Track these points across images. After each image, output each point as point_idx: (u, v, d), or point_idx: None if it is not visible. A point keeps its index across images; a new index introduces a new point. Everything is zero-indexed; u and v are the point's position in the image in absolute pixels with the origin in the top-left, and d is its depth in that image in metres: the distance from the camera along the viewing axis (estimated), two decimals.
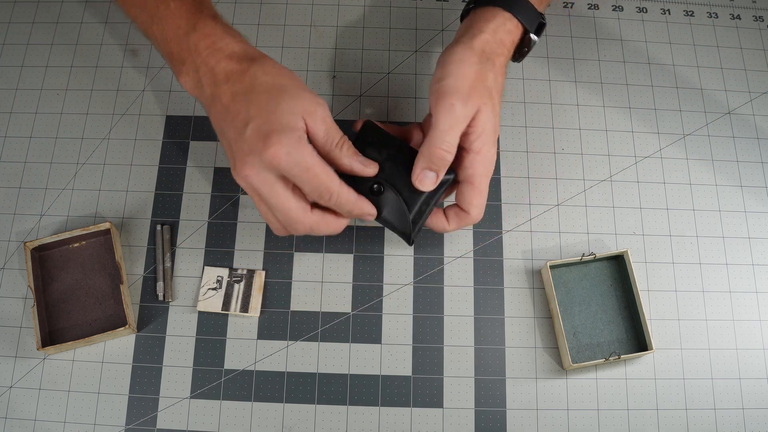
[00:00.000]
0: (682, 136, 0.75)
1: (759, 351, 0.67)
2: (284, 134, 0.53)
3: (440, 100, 0.57)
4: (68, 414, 0.64)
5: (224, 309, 0.67)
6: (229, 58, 0.57)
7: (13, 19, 0.79)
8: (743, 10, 0.81)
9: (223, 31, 0.58)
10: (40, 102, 0.76)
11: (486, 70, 0.58)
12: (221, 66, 0.56)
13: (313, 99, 0.56)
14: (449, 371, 0.66)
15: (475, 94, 0.57)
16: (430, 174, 0.58)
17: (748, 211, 0.72)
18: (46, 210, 0.71)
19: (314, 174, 0.54)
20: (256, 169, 0.54)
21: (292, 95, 0.55)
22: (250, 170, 0.54)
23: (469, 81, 0.58)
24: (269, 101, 0.54)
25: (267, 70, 0.56)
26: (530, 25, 0.61)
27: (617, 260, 0.68)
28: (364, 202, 0.59)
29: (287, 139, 0.53)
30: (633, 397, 0.65)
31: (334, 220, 0.59)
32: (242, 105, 0.55)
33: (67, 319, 0.66)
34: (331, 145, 0.56)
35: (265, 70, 0.56)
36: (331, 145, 0.56)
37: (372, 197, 0.59)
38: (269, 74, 0.56)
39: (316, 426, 0.64)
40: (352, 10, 0.80)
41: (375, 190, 0.60)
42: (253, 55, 0.57)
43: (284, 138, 0.53)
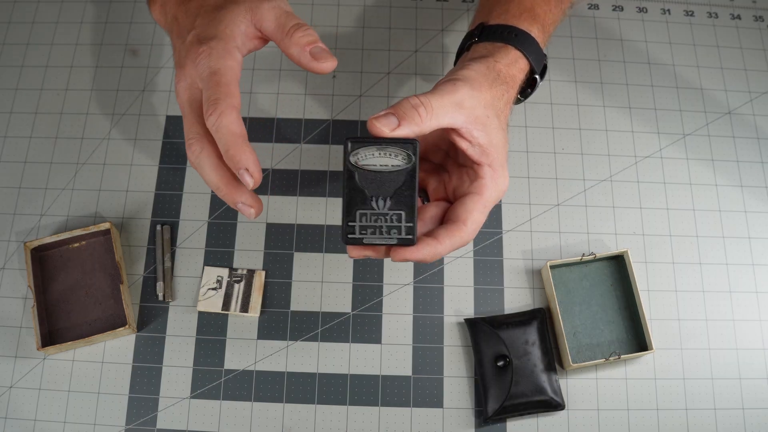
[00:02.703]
0: (682, 136, 0.75)
1: (759, 351, 0.67)
2: (216, 40, 0.50)
3: (446, 81, 0.52)
4: (68, 414, 0.64)
5: (224, 309, 0.67)
6: None
7: (13, 19, 0.79)
8: (743, 10, 0.81)
9: None
10: (40, 102, 0.76)
11: (500, 93, 0.54)
12: None
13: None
14: (449, 371, 0.66)
15: (487, 94, 0.52)
16: (392, 118, 0.48)
17: (748, 211, 0.72)
18: (46, 210, 0.71)
19: (216, 81, 0.49)
20: (182, 80, 0.51)
21: (237, 2, 0.52)
22: (178, 81, 0.52)
23: (484, 81, 0.53)
24: (214, 10, 0.52)
25: None
26: (537, 65, 0.58)
27: (617, 260, 0.68)
28: (248, 147, 0.48)
29: (217, 45, 0.50)
30: (633, 397, 0.65)
31: (209, 162, 0.50)
32: (192, 18, 0.53)
33: (67, 319, 0.66)
34: (282, 34, 0.51)
35: None
36: (282, 35, 0.51)
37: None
38: None
39: (316, 426, 0.64)
40: (352, 10, 0.80)
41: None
42: None
43: (215, 43, 0.50)
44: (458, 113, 0.50)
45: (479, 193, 0.51)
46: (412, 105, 0.48)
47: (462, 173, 0.54)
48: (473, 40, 0.58)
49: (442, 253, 0.50)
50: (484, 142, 0.51)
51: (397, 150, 0.48)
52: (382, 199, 0.48)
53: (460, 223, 0.50)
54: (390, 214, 0.48)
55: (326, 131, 0.74)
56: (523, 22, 0.58)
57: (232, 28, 0.51)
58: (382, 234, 0.48)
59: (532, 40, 0.57)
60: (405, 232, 0.48)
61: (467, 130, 0.51)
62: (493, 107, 0.52)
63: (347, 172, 0.48)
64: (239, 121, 0.48)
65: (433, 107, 0.49)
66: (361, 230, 0.48)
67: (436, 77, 0.77)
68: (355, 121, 0.75)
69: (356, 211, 0.48)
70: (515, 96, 0.57)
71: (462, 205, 0.51)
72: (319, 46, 0.50)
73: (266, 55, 0.78)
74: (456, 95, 0.50)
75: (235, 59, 0.51)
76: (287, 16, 0.52)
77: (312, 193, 0.72)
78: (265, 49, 0.78)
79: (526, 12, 0.58)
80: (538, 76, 0.59)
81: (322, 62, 0.50)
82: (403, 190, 0.48)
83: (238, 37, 0.51)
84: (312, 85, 0.76)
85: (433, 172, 0.57)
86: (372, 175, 0.48)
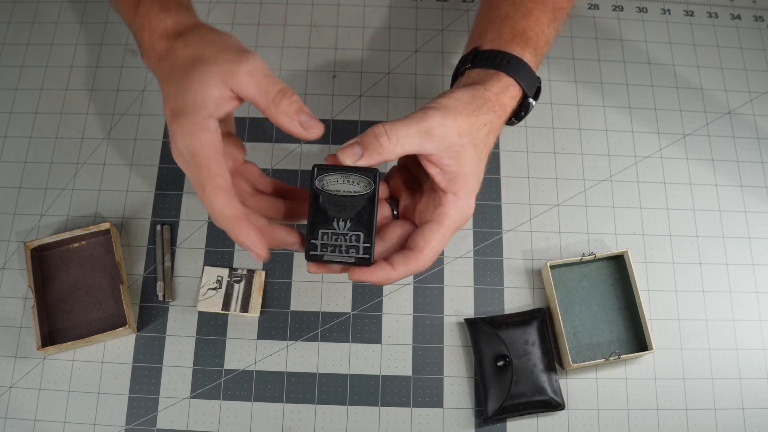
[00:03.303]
0: (682, 136, 0.75)
1: (759, 351, 0.67)
2: (185, 116, 0.48)
3: (419, 109, 0.53)
4: (68, 414, 0.64)
5: (224, 309, 0.67)
6: (160, 36, 0.53)
7: (13, 19, 0.79)
8: (743, 10, 0.81)
9: (160, 8, 0.54)
10: (40, 102, 0.76)
11: (482, 122, 0.53)
12: (156, 46, 0.54)
13: (234, 57, 0.49)
14: (449, 371, 0.66)
15: (464, 123, 0.52)
16: (356, 148, 0.50)
17: (748, 211, 0.72)
18: (46, 210, 0.71)
19: (196, 164, 0.48)
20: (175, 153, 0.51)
21: (207, 62, 0.49)
22: (173, 153, 0.51)
23: (463, 110, 0.53)
24: (182, 78, 0.50)
25: (188, 42, 0.51)
26: (530, 89, 0.58)
27: (617, 260, 0.68)
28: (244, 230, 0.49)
29: (186, 120, 0.48)
30: (633, 397, 0.65)
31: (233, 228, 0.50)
32: (165, 85, 0.52)
33: (67, 319, 0.66)
34: (268, 102, 0.49)
35: (186, 42, 0.51)
36: (267, 103, 0.49)
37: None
38: (190, 46, 0.51)
39: (316, 426, 0.64)
40: (352, 10, 0.80)
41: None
42: (182, 28, 0.53)
43: (183, 119, 0.48)
44: (426, 141, 0.51)
45: (440, 222, 0.52)
46: (375, 134, 0.50)
47: (429, 198, 0.54)
48: (467, 66, 0.59)
49: (396, 278, 0.52)
50: (454, 170, 0.52)
51: (359, 177, 0.51)
52: (343, 221, 0.52)
53: (417, 252, 0.52)
54: (349, 234, 0.52)
55: (326, 131, 0.74)
56: (516, 46, 0.58)
57: (203, 95, 0.49)
58: (341, 252, 0.52)
59: (525, 65, 0.57)
60: (362, 252, 0.51)
61: (438, 157, 0.51)
62: (470, 136, 0.52)
63: (313, 194, 0.52)
64: (229, 201, 0.48)
65: (399, 136, 0.50)
66: (322, 248, 0.52)
67: (436, 77, 0.77)
68: (355, 121, 0.75)
69: (319, 230, 0.52)
70: (503, 124, 0.58)
71: (421, 234, 0.52)
72: (306, 114, 0.50)
73: (266, 55, 0.78)
74: (424, 123, 0.51)
75: (209, 131, 0.48)
76: (269, 81, 0.50)
77: None
78: (265, 49, 0.78)
79: (518, 36, 0.58)
80: (531, 99, 0.59)
81: (310, 130, 0.50)
82: (363, 213, 0.52)
83: (210, 103, 0.49)
84: (312, 85, 0.76)
85: (410, 187, 0.58)
86: (335, 198, 0.52)
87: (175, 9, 0.55)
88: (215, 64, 0.49)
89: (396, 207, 0.58)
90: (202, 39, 0.52)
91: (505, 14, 0.60)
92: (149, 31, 0.54)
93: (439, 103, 0.52)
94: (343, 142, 0.73)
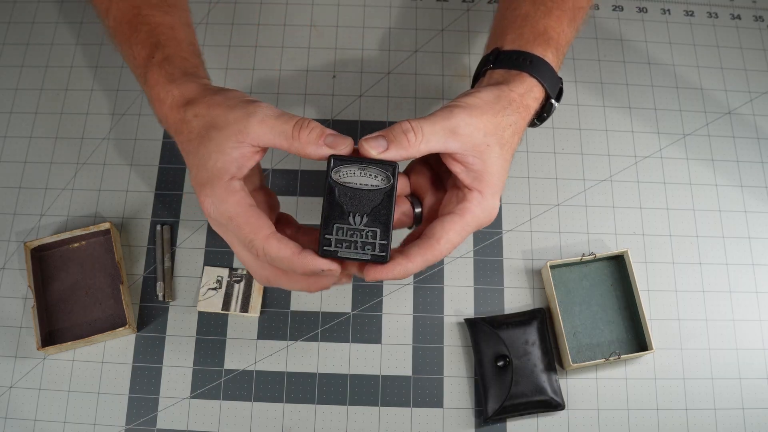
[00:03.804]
0: (682, 136, 0.75)
1: (759, 351, 0.67)
2: (210, 185, 0.50)
3: (445, 107, 0.52)
4: (68, 414, 0.64)
5: (224, 309, 0.67)
6: (170, 108, 0.54)
7: (13, 19, 0.79)
8: (743, 10, 0.81)
9: (166, 79, 0.55)
10: (40, 102, 0.76)
11: (507, 123, 0.53)
12: (169, 118, 0.55)
13: (242, 114, 0.50)
14: (449, 371, 0.66)
15: (489, 123, 0.52)
16: (381, 141, 0.49)
17: (748, 211, 0.72)
18: (46, 210, 0.71)
19: (237, 225, 0.49)
20: (212, 222, 0.52)
21: (220, 128, 0.50)
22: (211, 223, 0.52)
23: (489, 109, 0.52)
24: (200, 149, 0.51)
25: (198, 111, 0.52)
26: (552, 91, 0.57)
27: (617, 260, 0.68)
28: (309, 258, 0.49)
29: (212, 190, 0.50)
30: (633, 397, 0.65)
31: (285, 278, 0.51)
32: (187, 157, 0.53)
33: (67, 319, 0.66)
34: (289, 140, 0.49)
35: (196, 112, 0.52)
36: (289, 141, 0.49)
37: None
38: (200, 116, 0.52)
39: (316, 426, 0.64)
40: (352, 10, 0.80)
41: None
42: (190, 97, 0.53)
43: (209, 189, 0.50)
44: (452, 139, 0.50)
45: (461, 214, 0.51)
46: (402, 130, 0.49)
47: (453, 193, 0.54)
48: (489, 66, 0.58)
49: (414, 270, 0.50)
50: (479, 168, 0.51)
51: (377, 170, 0.49)
52: (359, 216, 0.50)
53: (434, 241, 0.50)
54: (365, 230, 0.50)
55: None
56: (538, 47, 0.57)
57: (223, 161, 0.49)
58: (356, 249, 0.50)
59: (547, 65, 0.56)
60: (378, 249, 0.49)
61: (462, 156, 0.51)
62: (495, 135, 0.52)
63: (328, 187, 0.49)
64: (280, 242, 0.49)
65: (424, 133, 0.49)
66: (337, 243, 0.50)
67: (436, 77, 0.77)
68: (355, 121, 0.75)
69: (333, 224, 0.50)
70: (526, 125, 0.57)
71: (440, 223, 0.51)
72: (330, 135, 0.49)
73: (266, 55, 0.78)
74: (450, 121, 0.50)
75: (237, 191, 0.50)
76: (282, 121, 0.49)
77: (312, 193, 0.72)
78: (265, 49, 0.78)
79: (540, 36, 0.58)
80: (554, 100, 0.58)
81: (339, 148, 0.49)
82: (380, 208, 0.50)
83: (232, 166, 0.49)
84: (312, 85, 0.76)
85: (433, 185, 0.57)
86: (351, 191, 0.50)
87: (181, 78, 0.55)
88: (227, 127, 0.50)
89: (419, 204, 0.56)
90: (210, 105, 0.52)
91: (525, 13, 0.59)
92: (159, 102, 0.55)
93: (465, 102, 0.52)
94: None
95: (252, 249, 0.49)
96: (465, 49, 0.78)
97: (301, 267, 0.49)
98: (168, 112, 0.54)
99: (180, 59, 0.57)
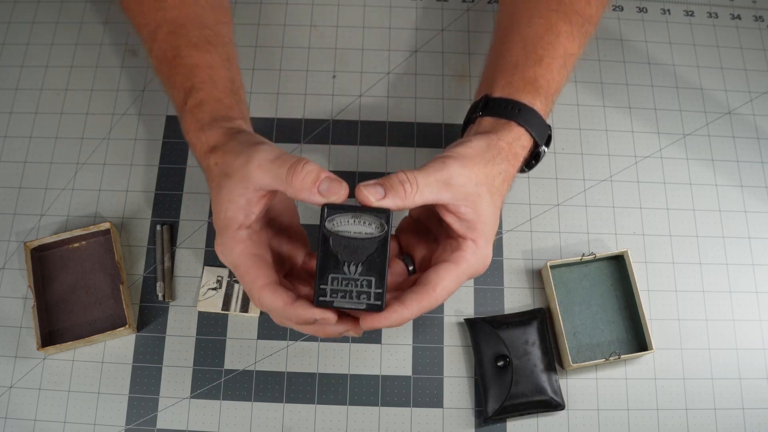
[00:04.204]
0: (682, 136, 0.75)
1: (759, 351, 0.67)
2: (220, 234, 0.52)
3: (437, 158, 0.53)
4: (68, 414, 0.64)
5: (224, 309, 0.67)
6: (200, 154, 0.56)
7: (13, 19, 0.79)
8: (743, 10, 0.81)
9: (197, 127, 0.57)
10: (40, 102, 0.76)
11: (497, 171, 0.54)
12: (202, 163, 0.56)
13: (244, 159, 0.51)
14: (449, 371, 0.66)
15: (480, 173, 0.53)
16: (379, 188, 0.49)
17: (748, 211, 0.72)
18: (46, 210, 0.71)
19: (239, 274, 0.52)
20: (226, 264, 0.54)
21: (229, 175, 0.51)
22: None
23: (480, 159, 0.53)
24: (216, 196, 0.53)
25: (217, 159, 0.53)
26: (541, 138, 0.58)
27: (617, 260, 0.68)
28: (301, 308, 0.49)
29: (222, 239, 0.52)
30: (633, 397, 0.65)
31: (290, 324, 0.52)
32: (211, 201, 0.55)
33: (67, 319, 0.66)
34: (282, 185, 0.49)
35: (216, 160, 0.54)
36: (283, 185, 0.49)
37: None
38: (218, 164, 0.53)
39: (316, 426, 0.64)
40: (352, 10, 0.80)
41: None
42: (213, 144, 0.55)
43: (220, 238, 0.52)
44: (445, 191, 0.51)
45: (456, 262, 0.52)
46: (399, 180, 0.50)
47: (447, 244, 0.54)
48: (478, 114, 0.59)
49: (410, 317, 0.50)
50: (471, 218, 0.52)
51: (371, 218, 0.50)
52: (354, 265, 0.50)
53: (430, 288, 0.51)
54: (361, 279, 0.50)
55: (326, 131, 0.74)
56: (527, 95, 0.58)
57: (233, 210, 0.51)
58: (351, 298, 0.50)
59: (536, 114, 0.57)
60: (374, 298, 0.50)
61: (455, 206, 0.51)
62: (486, 185, 0.53)
63: (322, 236, 0.50)
64: (273, 293, 0.50)
65: (419, 184, 0.50)
66: (332, 293, 0.50)
67: (436, 77, 0.77)
68: (355, 121, 0.75)
69: (329, 275, 0.50)
70: (516, 172, 0.58)
71: (435, 271, 0.52)
72: (326, 180, 0.49)
73: (266, 55, 0.78)
74: (443, 173, 0.51)
75: (242, 242, 0.51)
76: (277, 164, 0.49)
77: None
78: (265, 49, 0.78)
79: (529, 84, 0.58)
80: (543, 147, 0.59)
81: (333, 195, 0.49)
82: (374, 257, 0.50)
83: (240, 214, 0.51)
84: (312, 85, 0.76)
85: (424, 240, 0.58)
86: (346, 240, 0.50)
87: (209, 124, 0.56)
88: (234, 174, 0.51)
89: (411, 262, 0.58)
90: (225, 152, 0.53)
91: (515, 61, 0.60)
92: (192, 147, 0.58)
93: (457, 153, 0.53)
94: (343, 142, 0.74)
95: (251, 297, 0.52)
96: (465, 49, 0.78)
97: (294, 317, 0.50)
98: (199, 158, 0.57)
99: (213, 102, 0.58)
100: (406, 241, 0.59)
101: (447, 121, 0.75)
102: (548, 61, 0.60)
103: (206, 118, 0.57)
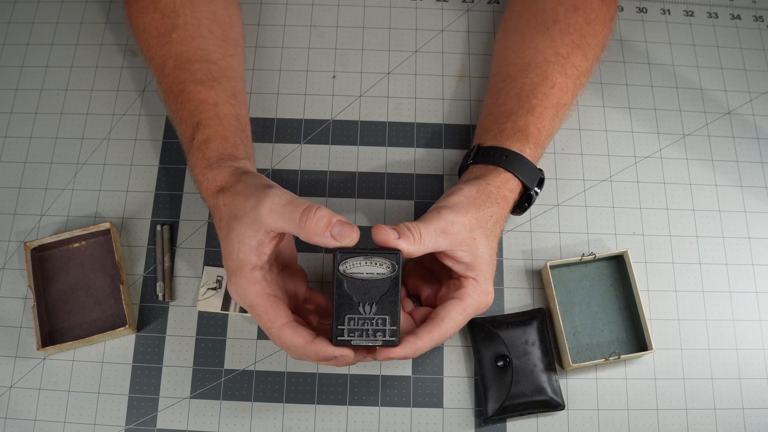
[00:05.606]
0: (682, 136, 0.75)
1: (759, 351, 0.67)
2: (234, 275, 0.54)
3: (433, 209, 0.57)
4: (68, 414, 0.64)
5: (224, 309, 0.67)
6: (206, 192, 0.59)
7: (13, 19, 0.79)
8: (743, 10, 0.81)
9: (204, 164, 0.59)
10: (40, 102, 0.76)
11: (489, 214, 0.58)
12: (209, 201, 0.59)
13: (255, 202, 0.53)
14: (449, 371, 0.66)
15: (473, 218, 0.56)
16: (393, 231, 0.53)
17: (748, 211, 0.72)
18: (46, 210, 0.71)
19: (256, 313, 0.54)
20: (241, 304, 0.56)
21: (240, 218, 0.53)
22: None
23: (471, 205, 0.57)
24: (226, 238, 0.55)
25: (226, 200, 0.56)
26: (530, 182, 0.62)
27: (617, 260, 0.68)
28: (321, 346, 0.52)
29: (235, 279, 0.54)
30: (633, 397, 0.65)
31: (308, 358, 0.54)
32: (220, 240, 0.57)
33: (67, 319, 0.66)
34: (296, 228, 0.52)
35: (224, 201, 0.56)
36: (297, 228, 0.52)
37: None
38: (227, 205, 0.55)
39: (316, 426, 0.64)
40: (352, 10, 0.80)
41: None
42: (221, 184, 0.57)
43: (233, 278, 0.54)
44: (443, 239, 0.55)
45: (460, 298, 0.56)
46: (408, 227, 0.54)
47: (450, 283, 0.59)
48: (470, 162, 0.63)
49: (423, 348, 0.54)
50: (469, 260, 0.56)
51: (383, 259, 0.53)
52: (368, 305, 0.53)
53: (439, 320, 0.55)
54: (375, 318, 0.53)
55: (326, 131, 0.74)
56: (516, 142, 0.62)
57: (245, 252, 0.53)
58: (368, 336, 0.53)
59: (523, 160, 0.61)
60: (389, 335, 0.54)
61: (452, 251, 0.56)
62: (480, 228, 0.57)
63: (337, 280, 0.53)
64: (294, 331, 0.53)
65: (422, 234, 0.54)
66: (349, 333, 0.53)
67: (436, 77, 0.77)
68: (355, 121, 0.75)
69: (345, 315, 0.53)
70: (507, 213, 0.62)
71: (443, 307, 0.56)
72: (338, 224, 0.51)
73: (266, 55, 0.78)
74: (439, 223, 0.55)
75: (257, 282, 0.53)
76: (291, 208, 0.52)
77: (312, 194, 0.72)
78: (265, 49, 0.78)
79: (519, 132, 0.62)
80: (535, 190, 0.63)
81: (346, 239, 0.52)
82: (387, 296, 0.54)
83: (251, 256, 0.53)
84: (312, 85, 0.76)
85: (428, 281, 0.63)
86: (359, 282, 0.53)
87: (216, 162, 0.59)
88: (245, 216, 0.53)
89: (418, 302, 0.62)
90: (233, 194, 0.55)
91: (509, 111, 0.64)
92: (198, 184, 0.60)
93: (450, 202, 0.57)
94: (343, 142, 0.74)
95: (270, 336, 0.54)
96: (465, 49, 0.78)
97: (314, 354, 0.53)
98: (205, 196, 0.59)
99: (219, 140, 0.60)
100: (413, 284, 0.64)
101: (447, 122, 0.75)
102: (540, 110, 0.63)
103: (213, 156, 0.59)
